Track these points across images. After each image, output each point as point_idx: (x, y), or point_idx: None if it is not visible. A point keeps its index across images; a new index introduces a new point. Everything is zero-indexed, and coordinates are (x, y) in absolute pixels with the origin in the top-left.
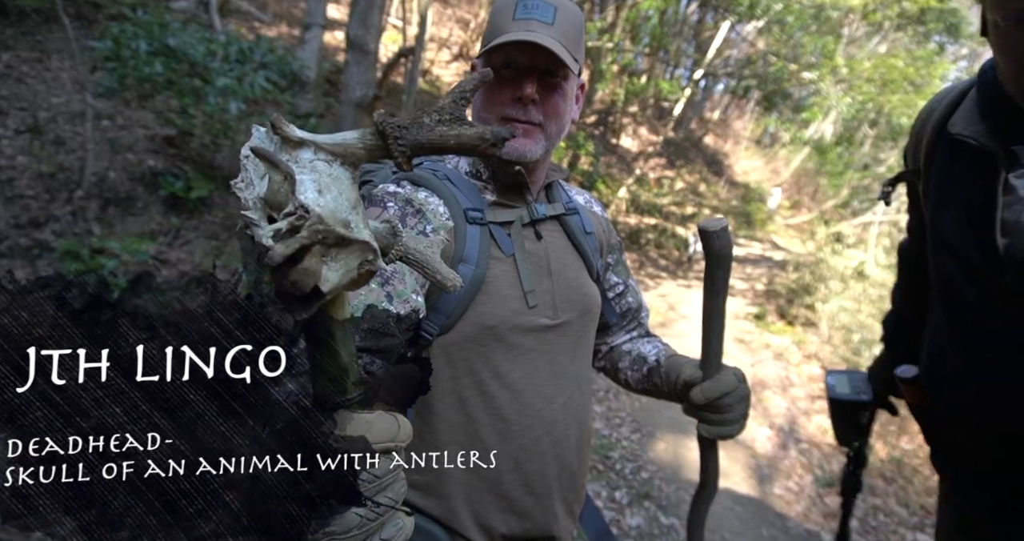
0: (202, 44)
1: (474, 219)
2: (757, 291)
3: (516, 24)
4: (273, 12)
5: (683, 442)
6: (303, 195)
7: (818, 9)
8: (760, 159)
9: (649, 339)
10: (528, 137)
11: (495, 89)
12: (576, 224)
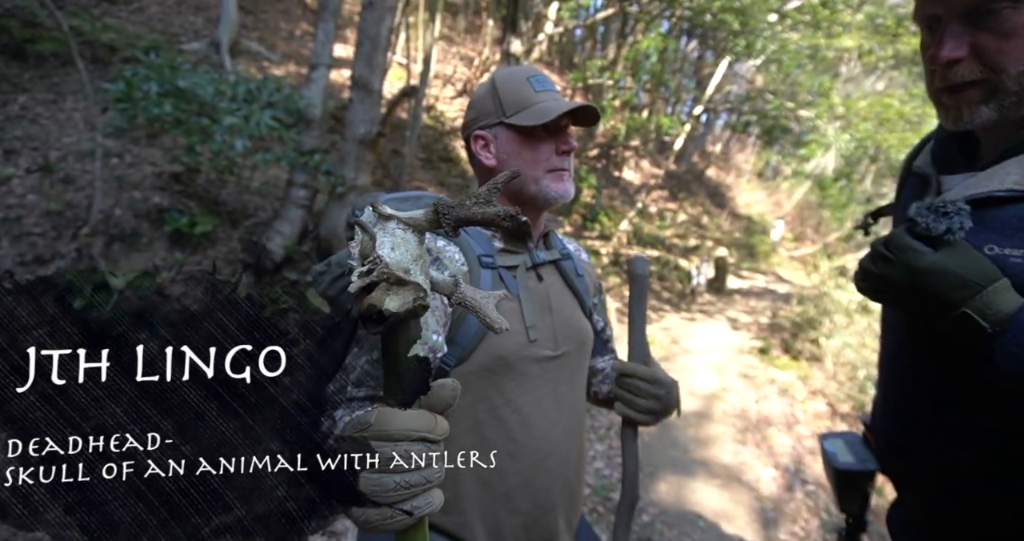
0: (211, 85)
1: (486, 264)
2: (761, 324)
3: (541, 95)
4: (282, 52)
5: (686, 483)
6: (379, 249)
7: (814, 49)
8: (762, 191)
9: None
10: (569, 182)
11: (540, 146)
12: (570, 268)
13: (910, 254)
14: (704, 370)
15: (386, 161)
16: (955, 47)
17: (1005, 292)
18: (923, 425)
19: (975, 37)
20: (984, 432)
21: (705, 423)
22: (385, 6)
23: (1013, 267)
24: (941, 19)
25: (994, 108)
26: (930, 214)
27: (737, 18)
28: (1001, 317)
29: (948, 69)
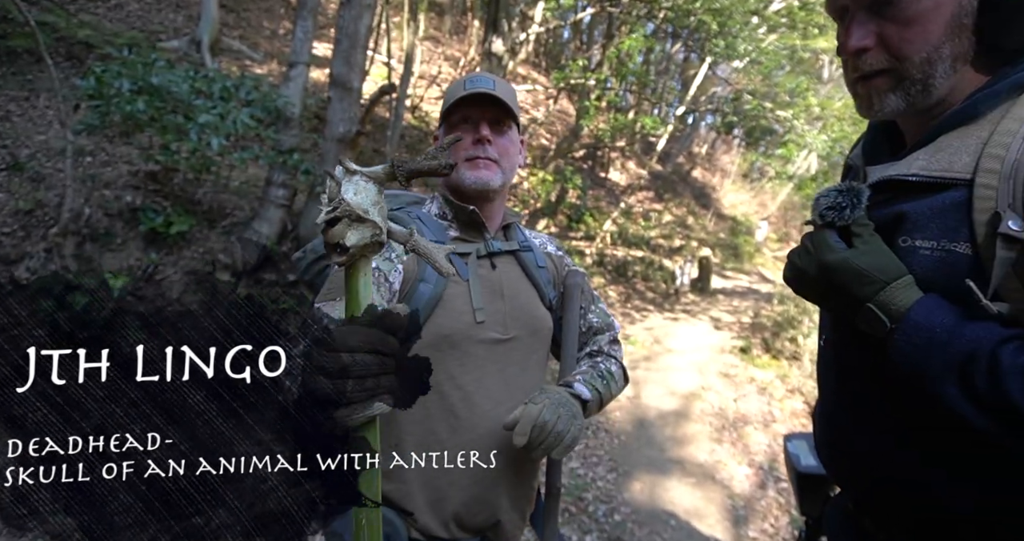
0: (186, 82)
1: None
2: (743, 324)
3: (466, 91)
4: (264, 51)
5: (660, 482)
6: (344, 194)
7: (791, 50)
8: (747, 193)
9: (585, 359)
10: (488, 169)
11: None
12: (530, 259)
13: (823, 249)
14: (685, 370)
15: (368, 160)
16: (861, 37)
17: (907, 288)
18: (848, 420)
19: (880, 26)
20: (901, 426)
21: (683, 422)
22: (363, 3)
23: (923, 259)
24: (849, 10)
25: (901, 96)
26: (831, 199)
27: (716, 19)
28: (899, 313)
29: (857, 58)
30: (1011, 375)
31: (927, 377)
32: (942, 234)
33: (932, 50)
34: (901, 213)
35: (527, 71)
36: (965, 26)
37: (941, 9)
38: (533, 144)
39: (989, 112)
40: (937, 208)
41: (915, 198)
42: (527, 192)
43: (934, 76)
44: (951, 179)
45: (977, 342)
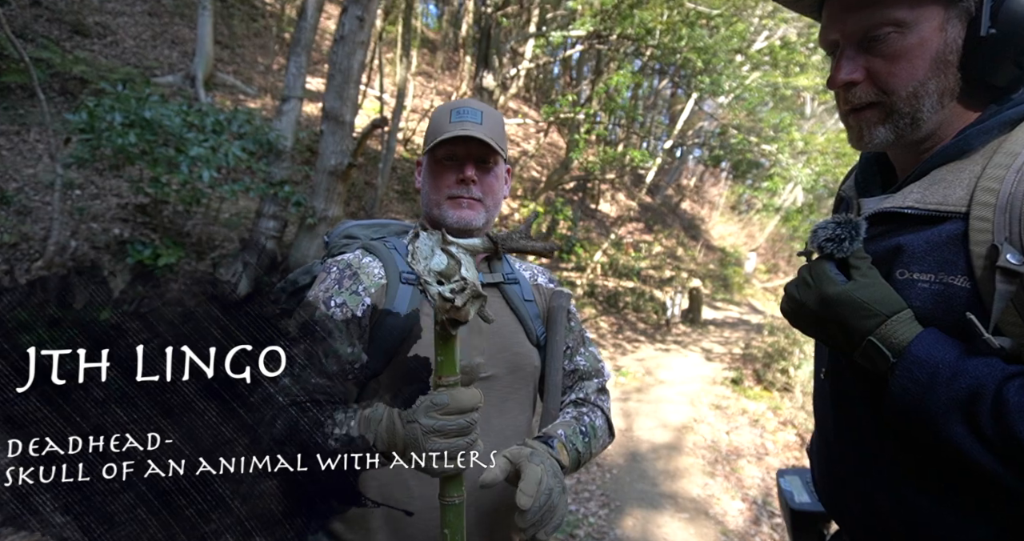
0: (178, 116)
1: (407, 280)
2: (734, 355)
3: (452, 126)
4: (259, 86)
5: (652, 517)
6: (466, 272)
7: (773, 87)
8: (735, 224)
9: (570, 408)
10: (472, 209)
11: (441, 175)
12: (515, 292)
13: (824, 281)
14: (677, 401)
15: (359, 192)
16: (850, 71)
17: (908, 322)
18: (849, 456)
19: (868, 62)
20: (905, 462)
21: (675, 455)
22: (356, 40)
23: (921, 292)
24: (840, 45)
25: (890, 129)
26: (830, 231)
27: (700, 57)
28: (900, 347)
29: (847, 91)
30: (1018, 415)
31: (931, 415)
32: (939, 267)
33: (918, 85)
34: (898, 246)
35: (518, 105)
36: (950, 63)
37: (926, 45)
38: (524, 176)
39: (981, 147)
40: (934, 241)
41: (911, 231)
42: (518, 223)
43: (921, 110)
44: (947, 212)
45: (981, 379)
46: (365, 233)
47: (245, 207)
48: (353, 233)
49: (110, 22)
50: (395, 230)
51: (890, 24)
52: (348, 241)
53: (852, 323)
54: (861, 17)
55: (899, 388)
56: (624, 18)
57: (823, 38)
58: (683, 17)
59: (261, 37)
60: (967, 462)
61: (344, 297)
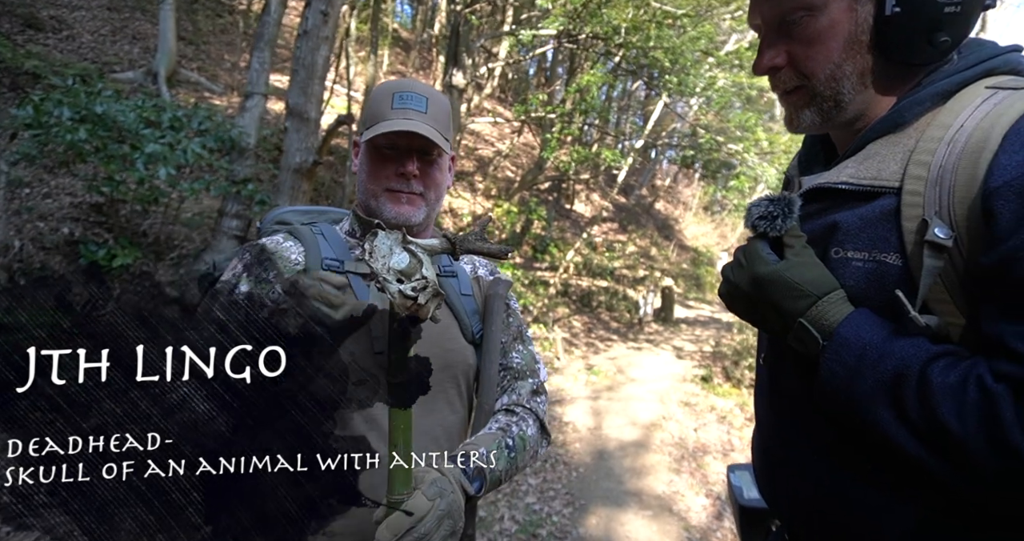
0: (133, 111)
1: (329, 267)
2: (705, 353)
3: (395, 112)
4: (224, 83)
5: (616, 515)
6: (427, 272)
7: (739, 87)
8: (708, 224)
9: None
10: (412, 205)
11: (380, 165)
12: (451, 286)
13: (755, 261)
14: (647, 399)
15: (327, 191)
16: (772, 56)
17: (839, 302)
18: (783, 446)
19: (788, 45)
20: (835, 449)
21: (643, 453)
22: (320, 36)
23: (855, 271)
24: (762, 30)
25: (815, 112)
26: (763, 209)
27: (668, 56)
28: (830, 329)
29: (772, 77)
30: (941, 395)
31: (858, 399)
32: (873, 244)
33: (834, 67)
34: (833, 223)
35: (493, 105)
36: (863, 43)
37: (837, 27)
38: (499, 176)
39: (914, 120)
40: (868, 218)
41: (847, 208)
42: (492, 223)
43: (841, 92)
44: (880, 187)
45: (906, 360)
46: (299, 218)
47: (208, 206)
48: (286, 218)
49: (66, 16)
50: (332, 217)
51: (802, 8)
52: (279, 227)
53: (783, 305)
54: (776, 2)
55: (827, 372)
56: (593, 16)
57: (750, 22)
58: (650, 16)
59: (227, 33)
60: (894, 447)
61: (250, 285)
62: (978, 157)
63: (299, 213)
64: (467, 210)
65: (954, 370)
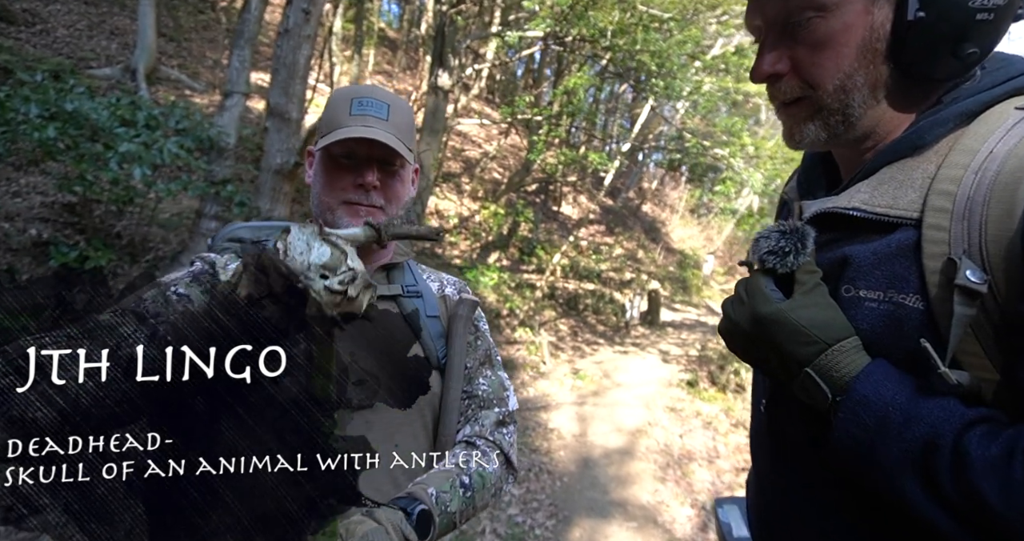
0: (107, 109)
1: None
2: (691, 357)
3: (353, 119)
4: (206, 81)
5: (600, 527)
6: (353, 262)
7: (725, 92)
8: (695, 227)
9: (460, 449)
10: (371, 218)
11: (336, 176)
12: (416, 307)
13: (757, 298)
14: (633, 405)
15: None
16: (772, 61)
17: (853, 352)
18: (788, 500)
19: (792, 50)
20: (850, 511)
21: (628, 460)
22: (302, 34)
23: (868, 312)
24: (762, 31)
25: (820, 126)
26: (773, 242)
27: (654, 60)
28: (842, 383)
29: (772, 85)
30: (981, 471)
31: (880, 466)
32: (889, 283)
33: (845, 77)
34: (844, 257)
35: (480, 106)
36: (878, 51)
37: (851, 31)
38: (486, 178)
39: (935, 142)
40: (883, 252)
41: (859, 240)
42: (479, 225)
43: (851, 105)
44: (896, 217)
45: (937, 427)
46: (252, 235)
47: (187, 207)
48: (239, 235)
49: (40, 9)
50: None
51: (811, 8)
52: (230, 245)
53: (787, 349)
54: (780, 0)
55: (843, 432)
56: (579, 19)
57: (747, 23)
58: (637, 20)
59: (209, 30)
60: (919, 518)
61: (191, 290)
62: (1015, 189)
63: (254, 229)
64: (454, 212)
65: (995, 441)
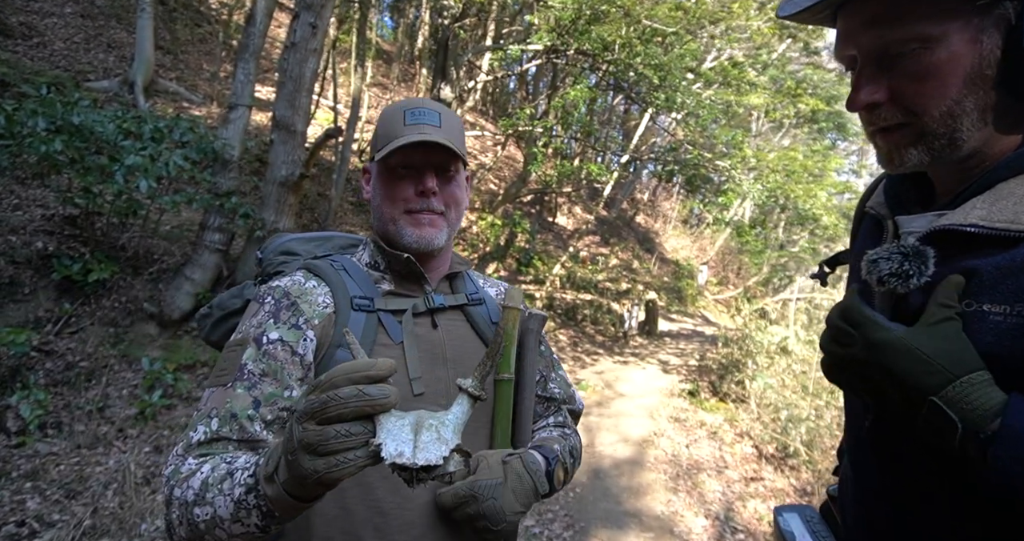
0: (112, 122)
1: (360, 306)
2: (690, 367)
3: (408, 128)
4: (204, 93)
5: (617, 538)
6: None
7: (726, 104)
8: (687, 238)
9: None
10: (433, 226)
11: (396, 187)
12: (481, 314)
13: (869, 326)
14: (637, 415)
15: (312, 204)
16: (871, 92)
17: (985, 386)
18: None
19: (891, 80)
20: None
21: (638, 471)
22: (309, 48)
23: (994, 327)
24: (858, 61)
25: (924, 151)
26: (895, 265)
27: (656, 73)
28: (977, 416)
29: (870, 112)
30: None
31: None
32: (1017, 297)
33: (953, 104)
34: (965, 271)
35: (475, 118)
36: (988, 78)
37: (958, 61)
38: (482, 189)
39: None
40: (1007, 267)
41: (979, 255)
42: (476, 236)
43: (960, 130)
44: (1020, 232)
45: None
46: (305, 248)
47: (188, 219)
48: (292, 249)
49: (37, 23)
50: (340, 244)
51: (915, 39)
52: (286, 259)
53: (909, 378)
54: (881, 33)
55: (1003, 467)
56: (582, 34)
57: (838, 52)
58: (639, 34)
59: (207, 43)
60: None
61: (281, 332)
62: None
63: (304, 241)
64: None
65: None
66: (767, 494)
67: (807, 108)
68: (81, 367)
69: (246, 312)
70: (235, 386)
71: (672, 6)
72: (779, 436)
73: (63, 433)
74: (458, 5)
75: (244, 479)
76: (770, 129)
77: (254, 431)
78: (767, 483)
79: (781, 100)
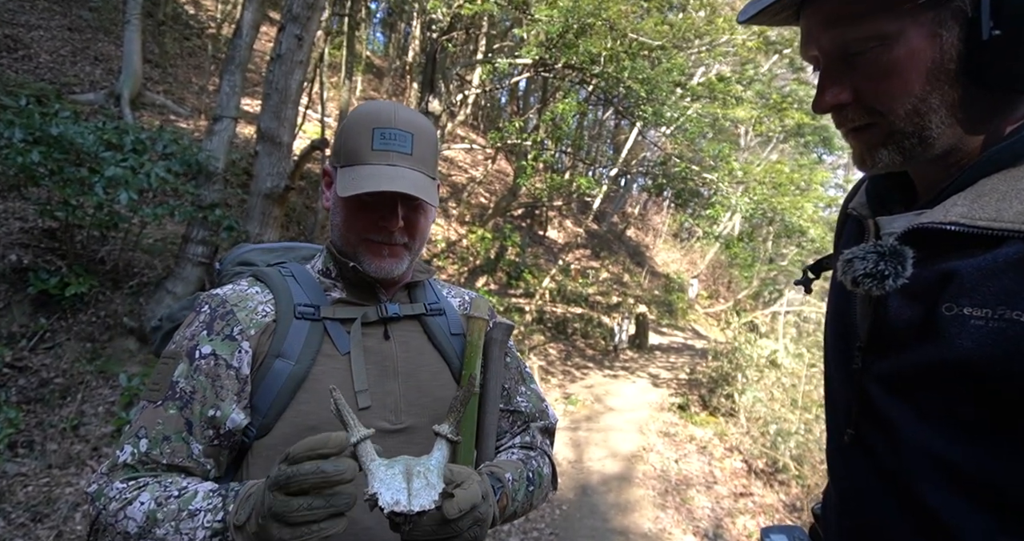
0: (93, 134)
1: (303, 315)
2: (680, 380)
3: (376, 154)
4: (192, 106)
5: None
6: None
7: (712, 118)
8: (678, 251)
9: (515, 452)
10: (395, 257)
11: (358, 212)
12: (440, 325)
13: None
14: (626, 430)
15: (299, 217)
16: (836, 92)
17: None
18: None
19: (854, 79)
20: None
21: (626, 487)
22: (295, 60)
23: (975, 331)
24: (820, 61)
25: (894, 150)
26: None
27: (643, 87)
28: None
29: (838, 114)
30: None
31: None
32: (999, 300)
33: (918, 101)
34: (944, 273)
35: (466, 132)
36: (950, 71)
37: (918, 57)
38: (472, 202)
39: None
40: (988, 268)
41: (959, 255)
42: (466, 249)
43: (928, 128)
44: (1002, 231)
45: None
46: (264, 259)
47: (172, 232)
48: (250, 259)
49: (22, 35)
50: (303, 255)
51: (871, 38)
52: (242, 269)
53: None
54: (839, 32)
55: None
56: (569, 47)
57: (803, 53)
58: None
59: (195, 56)
60: None
61: (214, 345)
62: None
63: (264, 251)
64: (441, 236)
65: None
66: (756, 510)
67: (793, 122)
68: (56, 384)
69: (185, 320)
70: (166, 405)
71: (658, 20)
72: (768, 451)
73: (34, 452)
74: (446, 19)
75: (210, 522)
76: (758, 144)
77: (185, 455)
78: (756, 499)
79: (767, 113)
